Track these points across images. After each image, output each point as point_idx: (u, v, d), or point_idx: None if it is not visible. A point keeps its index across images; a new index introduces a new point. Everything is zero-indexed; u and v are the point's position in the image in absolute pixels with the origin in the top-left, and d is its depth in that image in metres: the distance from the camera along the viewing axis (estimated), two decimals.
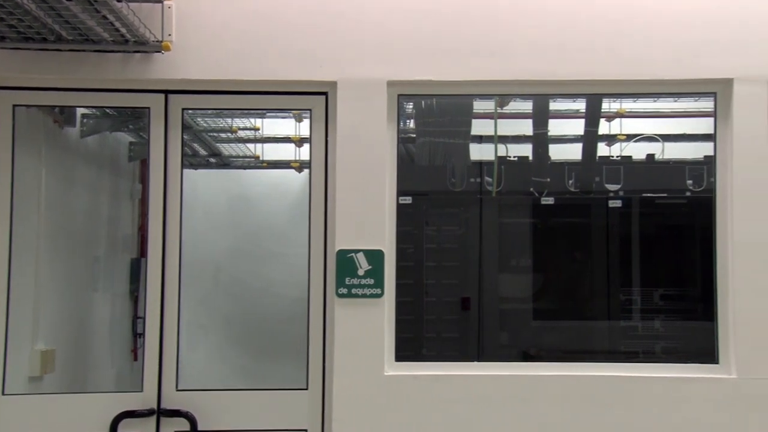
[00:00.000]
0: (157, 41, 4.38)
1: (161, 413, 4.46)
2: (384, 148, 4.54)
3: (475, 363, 4.78)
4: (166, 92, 4.60)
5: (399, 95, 4.65)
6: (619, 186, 5.52)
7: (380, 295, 4.47)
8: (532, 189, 5.51)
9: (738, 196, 4.50)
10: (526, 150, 5.68)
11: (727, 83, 4.53)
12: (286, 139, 6.60)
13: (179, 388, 4.49)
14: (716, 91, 4.61)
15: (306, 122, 5.52)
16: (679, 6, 4.56)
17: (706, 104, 4.82)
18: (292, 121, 6.37)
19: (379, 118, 4.53)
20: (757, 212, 4.48)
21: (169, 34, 4.44)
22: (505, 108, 5.46)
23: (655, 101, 5.67)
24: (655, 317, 5.71)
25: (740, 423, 4.39)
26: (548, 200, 5.49)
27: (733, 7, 4.54)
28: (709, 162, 4.81)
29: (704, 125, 5.03)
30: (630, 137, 5.86)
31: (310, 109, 4.67)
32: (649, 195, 5.67)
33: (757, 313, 4.44)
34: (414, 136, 5.67)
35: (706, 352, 4.60)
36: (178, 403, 4.48)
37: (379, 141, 4.53)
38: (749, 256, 4.47)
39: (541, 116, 5.56)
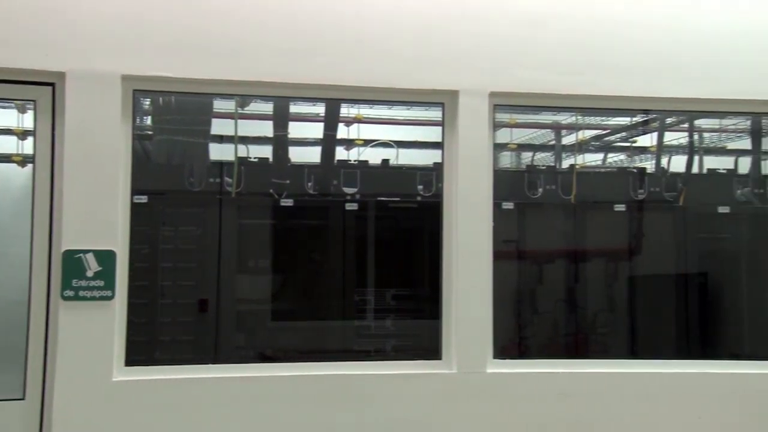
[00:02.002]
0: None
1: None
2: (117, 144, 4.35)
3: (210, 366, 4.71)
4: None
5: (134, 90, 4.49)
6: (355, 189, 5.68)
7: (111, 298, 4.28)
8: (271, 190, 5.51)
9: (462, 202, 4.81)
10: (266, 151, 5.68)
11: (454, 95, 4.83)
12: (6, 131, 6.09)
13: None
14: (444, 102, 4.90)
15: (30, 114, 5.14)
16: (412, 20, 4.79)
17: (437, 113, 5.10)
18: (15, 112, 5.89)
19: (112, 113, 4.34)
20: (477, 217, 4.80)
21: None
22: (246, 108, 5.43)
23: (390, 108, 5.91)
24: (387, 317, 5.95)
25: (460, 414, 4.68)
26: (287, 202, 5.53)
27: (452, 23, 4.83)
28: (438, 169, 5.10)
29: (435, 133, 5.31)
30: (367, 142, 6.05)
31: (34, 101, 4.36)
32: (383, 199, 5.89)
33: (476, 312, 4.76)
34: (151, 133, 5.48)
35: (433, 349, 4.86)
36: None
37: (112, 137, 4.33)
38: (470, 259, 4.78)
39: (281, 118, 5.59)
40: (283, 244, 5.97)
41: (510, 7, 4.90)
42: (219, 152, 5.56)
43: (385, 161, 6.00)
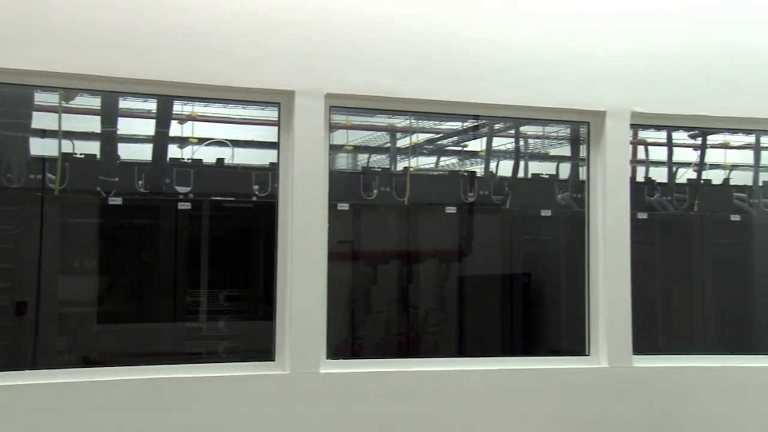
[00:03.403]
0: None
1: None
2: None
3: (28, 372, 4.45)
4: None
5: None
6: (189, 188, 5.55)
7: None
8: (99, 188, 5.29)
9: (297, 202, 4.80)
10: (93, 148, 5.44)
11: (290, 95, 4.82)
12: None
13: None
14: (280, 102, 4.88)
15: None
16: (250, 19, 4.75)
17: (273, 113, 5.07)
18: None
19: None
20: (312, 218, 4.82)
21: None
22: (71, 102, 5.18)
23: (225, 107, 5.82)
24: (220, 318, 5.85)
25: (293, 415, 4.67)
26: (116, 200, 5.32)
27: (290, 25, 4.83)
28: (274, 169, 5.07)
29: (271, 133, 5.28)
30: (201, 141, 5.94)
31: None
32: (218, 198, 5.79)
33: (310, 313, 4.76)
34: None
35: (266, 351, 4.82)
36: None
37: None
38: (305, 259, 4.78)
39: (110, 114, 5.37)
40: (110, 244, 5.74)
41: (347, 12, 4.94)
42: (41, 147, 5.28)
43: (220, 160, 5.89)
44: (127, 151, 5.57)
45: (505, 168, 6.85)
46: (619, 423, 5.16)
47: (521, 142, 6.90)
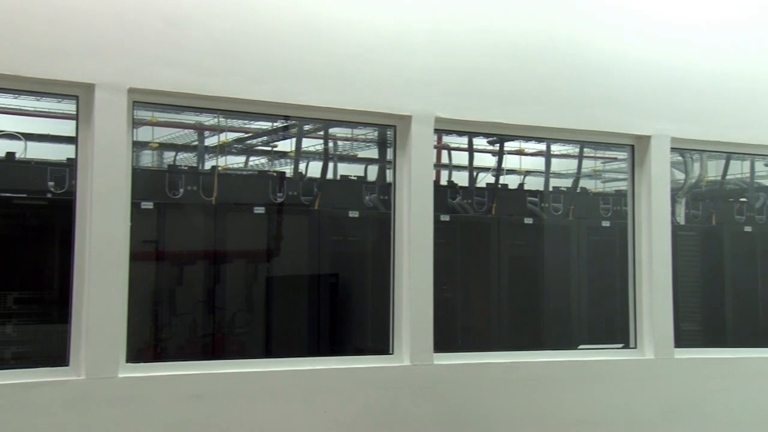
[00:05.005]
0: None
1: None
2: None
3: None
4: None
5: None
6: None
7: None
8: None
9: (97, 200, 4.60)
10: None
11: (89, 88, 4.61)
12: None
13: None
14: (78, 95, 4.66)
15: None
16: (45, 7, 4.49)
17: (71, 106, 4.83)
18: None
19: None
20: (113, 217, 4.63)
21: None
22: None
23: (16, 98, 5.48)
24: (8, 322, 5.49)
25: (91, 423, 4.47)
26: None
27: (91, 15, 4.63)
28: (72, 164, 4.82)
29: (69, 127, 5.03)
30: None
31: None
32: (7, 195, 5.44)
33: (109, 315, 4.58)
34: None
35: (61, 355, 4.58)
36: None
37: None
38: (104, 259, 4.60)
39: None
40: None
41: (155, 5, 4.79)
42: None
43: (11, 154, 5.54)
44: None
45: (314, 169, 6.91)
46: (421, 419, 5.33)
47: (330, 144, 6.98)
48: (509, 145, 7.45)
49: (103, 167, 4.62)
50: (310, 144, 7.02)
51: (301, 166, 6.92)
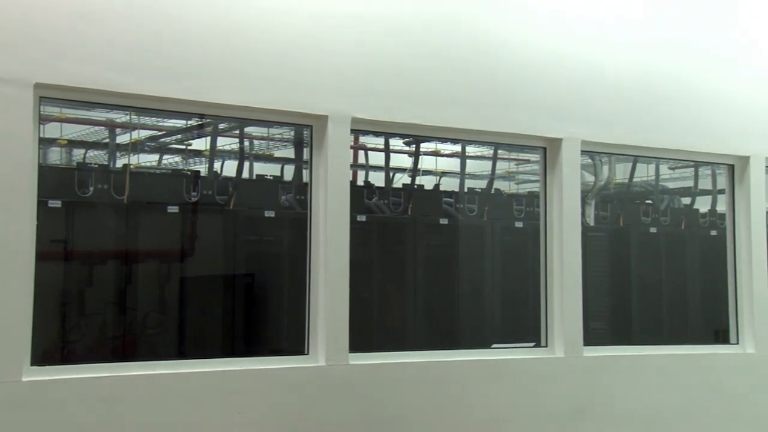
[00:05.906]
0: None
1: None
2: None
3: None
4: None
5: None
6: None
7: None
8: None
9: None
10: None
11: None
12: None
13: None
14: None
15: None
16: None
17: None
18: None
19: None
20: (17, 216, 4.51)
21: None
22: None
23: None
24: None
25: None
26: None
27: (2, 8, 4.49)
28: None
29: None
30: None
31: None
32: None
33: (11, 317, 4.44)
34: None
35: None
36: None
37: None
38: (7, 260, 4.47)
39: None
40: None
41: None
42: None
43: None
44: None
45: (229, 168, 6.83)
46: (336, 419, 5.33)
47: (246, 143, 6.91)
48: (425, 146, 7.52)
49: (6, 164, 4.49)
50: (225, 143, 6.94)
51: (216, 165, 6.83)
